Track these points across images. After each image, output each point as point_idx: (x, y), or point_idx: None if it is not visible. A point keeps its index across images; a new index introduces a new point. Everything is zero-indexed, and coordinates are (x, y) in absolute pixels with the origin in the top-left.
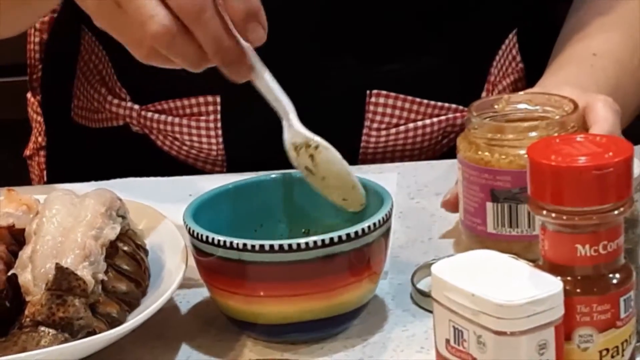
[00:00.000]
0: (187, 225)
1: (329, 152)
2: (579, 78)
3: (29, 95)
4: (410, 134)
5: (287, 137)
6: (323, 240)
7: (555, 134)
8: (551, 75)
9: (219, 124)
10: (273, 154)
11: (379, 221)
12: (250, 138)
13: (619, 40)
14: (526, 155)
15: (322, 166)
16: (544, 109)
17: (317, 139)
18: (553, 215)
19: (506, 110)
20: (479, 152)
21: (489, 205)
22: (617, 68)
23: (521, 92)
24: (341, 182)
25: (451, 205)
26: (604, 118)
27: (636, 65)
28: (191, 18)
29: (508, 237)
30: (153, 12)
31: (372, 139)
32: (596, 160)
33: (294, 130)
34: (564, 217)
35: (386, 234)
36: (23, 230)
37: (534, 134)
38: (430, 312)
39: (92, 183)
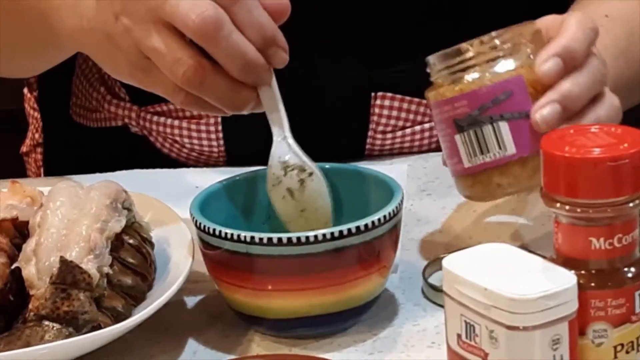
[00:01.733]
0: (194, 218)
1: (320, 184)
2: None
3: (25, 90)
4: (417, 136)
5: (278, 153)
6: (332, 233)
7: (502, 51)
8: None
9: (220, 127)
10: None
11: (389, 214)
12: (252, 140)
13: (634, 2)
14: (477, 75)
15: (308, 196)
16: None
17: (314, 166)
18: (567, 207)
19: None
20: (438, 89)
21: (457, 138)
22: (628, 31)
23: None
24: (317, 216)
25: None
26: (569, 31)
27: None
28: (210, 38)
29: (484, 165)
30: (178, 54)
31: (378, 142)
32: (611, 152)
33: (291, 149)
34: (578, 210)
35: (396, 227)
36: (27, 222)
37: (471, 53)
38: (442, 306)
39: (97, 175)
